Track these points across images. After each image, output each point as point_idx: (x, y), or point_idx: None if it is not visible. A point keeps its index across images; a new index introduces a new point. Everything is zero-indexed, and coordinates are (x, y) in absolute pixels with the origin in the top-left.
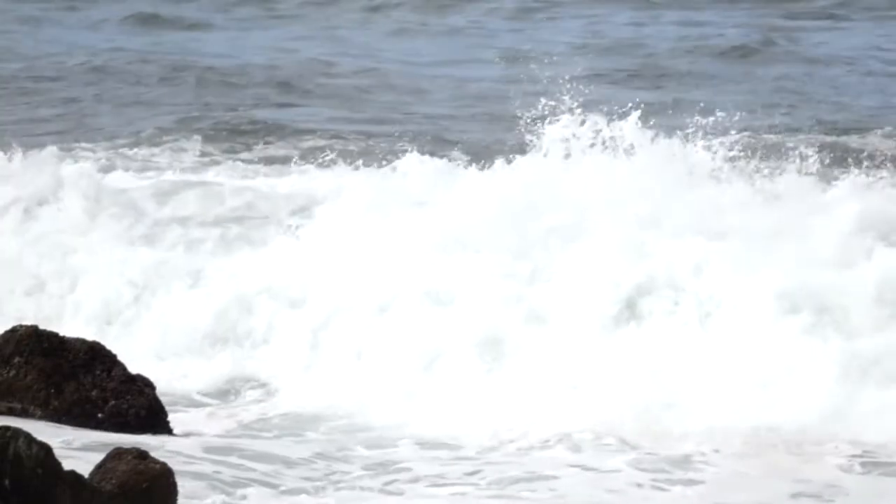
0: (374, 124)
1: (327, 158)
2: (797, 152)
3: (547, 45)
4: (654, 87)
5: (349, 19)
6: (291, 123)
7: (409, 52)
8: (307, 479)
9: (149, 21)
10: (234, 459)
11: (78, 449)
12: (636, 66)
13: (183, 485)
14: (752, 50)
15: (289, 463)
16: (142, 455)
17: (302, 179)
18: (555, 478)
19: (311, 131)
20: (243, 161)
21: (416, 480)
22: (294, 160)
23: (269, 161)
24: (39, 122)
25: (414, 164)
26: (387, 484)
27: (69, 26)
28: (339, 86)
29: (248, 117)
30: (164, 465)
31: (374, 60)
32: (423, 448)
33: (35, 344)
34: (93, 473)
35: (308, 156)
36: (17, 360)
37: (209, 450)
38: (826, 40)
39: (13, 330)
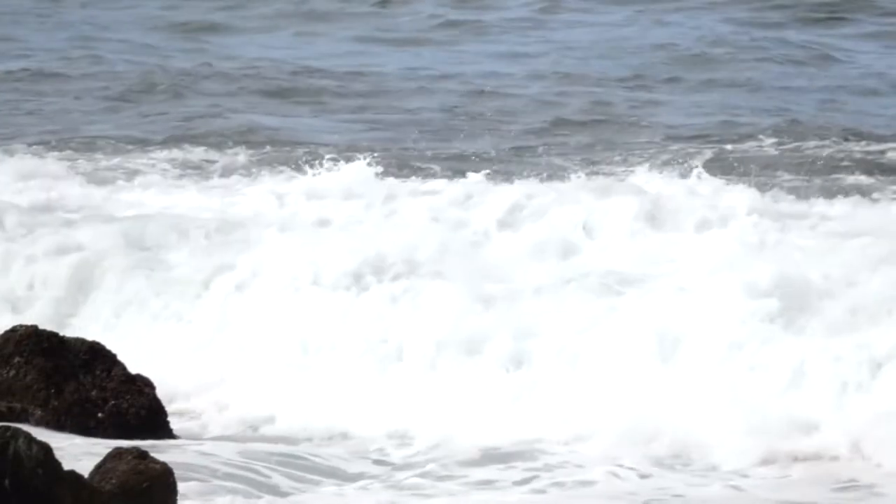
0: (360, 132)
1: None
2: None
3: (548, 45)
4: (639, 87)
5: (355, 17)
6: (274, 131)
7: (412, 53)
8: (344, 481)
9: (157, 22)
10: (240, 461)
11: (78, 449)
12: (632, 67)
13: (185, 485)
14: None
15: (318, 467)
16: (142, 455)
17: (243, 199)
18: (601, 484)
19: (292, 142)
20: (211, 167)
21: (466, 486)
22: (258, 172)
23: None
24: (24, 124)
25: (369, 186)
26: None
27: (76, 26)
28: (336, 90)
29: (234, 124)
30: (164, 464)
31: (377, 63)
32: (471, 454)
33: (35, 344)
34: (93, 473)
35: (266, 166)
36: (17, 360)
37: (214, 451)
38: (830, 42)
39: (13, 330)
